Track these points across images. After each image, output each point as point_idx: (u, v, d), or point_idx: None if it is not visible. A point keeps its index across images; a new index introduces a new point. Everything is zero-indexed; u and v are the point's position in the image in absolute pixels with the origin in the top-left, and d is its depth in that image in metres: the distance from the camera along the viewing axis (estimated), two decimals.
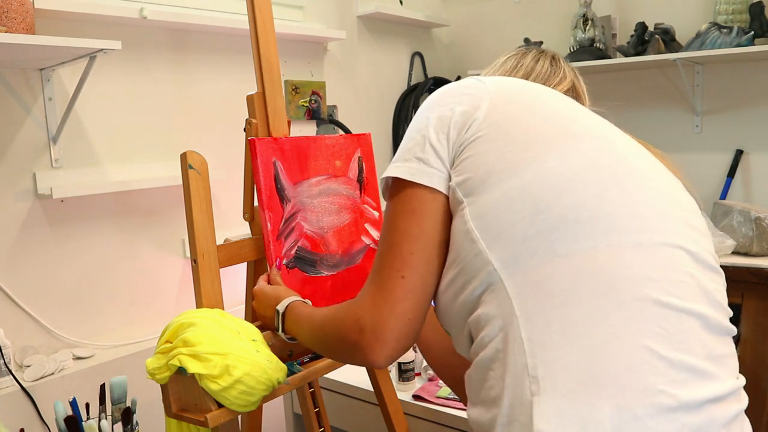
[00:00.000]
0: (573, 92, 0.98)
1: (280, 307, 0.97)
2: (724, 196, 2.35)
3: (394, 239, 0.74)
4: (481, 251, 0.68)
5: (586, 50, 2.44)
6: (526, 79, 0.96)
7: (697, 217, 0.74)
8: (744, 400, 0.68)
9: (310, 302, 0.99)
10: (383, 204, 0.84)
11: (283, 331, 0.97)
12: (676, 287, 0.65)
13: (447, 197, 0.74)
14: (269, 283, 1.08)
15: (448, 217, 0.74)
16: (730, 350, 0.69)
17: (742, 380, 0.69)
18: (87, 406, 1.35)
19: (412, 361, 1.51)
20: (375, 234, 1.29)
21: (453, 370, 0.97)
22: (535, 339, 0.63)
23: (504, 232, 0.67)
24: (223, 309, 1.05)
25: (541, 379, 0.61)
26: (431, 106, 0.80)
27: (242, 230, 1.76)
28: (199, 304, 1.04)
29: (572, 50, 2.49)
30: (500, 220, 0.68)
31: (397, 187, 0.76)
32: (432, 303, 0.77)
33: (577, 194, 0.67)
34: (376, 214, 1.30)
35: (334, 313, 0.81)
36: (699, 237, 0.71)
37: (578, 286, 0.63)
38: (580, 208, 0.66)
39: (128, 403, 1.35)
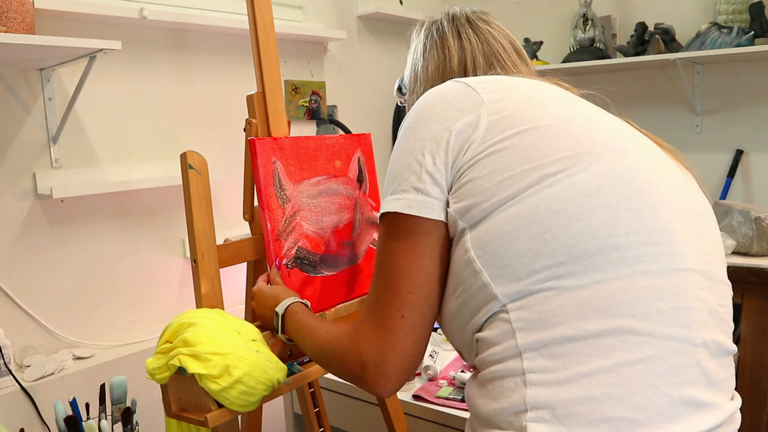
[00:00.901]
0: (516, 52, 0.92)
1: (279, 309, 0.97)
2: (724, 196, 2.35)
3: (392, 278, 0.72)
4: (486, 284, 0.66)
5: (586, 50, 2.44)
6: (463, 65, 0.88)
7: (711, 225, 0.72)
8: (737, 421, 0.68)
9: (309, 303, 0.99)
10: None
11: (283, 332, 0.97)
12: (685, 315, 0.64)
13: (446, 223, 0.71)
14: (269, 283, 1.08)
15: (447, 243, 0.72)
16: (730, 371, 0.68)
17: (738, 402, 0.69)
18: (87, 406, 1.35)
19: None
20: (375, 235, 1.29)
21: None
22: (537, 371, 0.62)
23: (509, 266, 0.64)
24: (223, 309, 1.05)
25: (538, 408, 0.61)
26: (421, 124, 0.74)
27: (242, 230, 1.76)
28: (199, 304, 1.04)
29: (572, 50, 2.49)
30: (504, 251, 0.65)
31: (394, 219, 0.73)
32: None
33: (585, 223, 0.64)
34: (377, 214, 1.30)
35: (334, 344, 0.80)
36: (714, 250, 0.70)
37: (585, 322, 0.62)
38: (589, 239, 0.63)
39: (128, 403, 1.35)
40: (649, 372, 0.60)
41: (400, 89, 1.04)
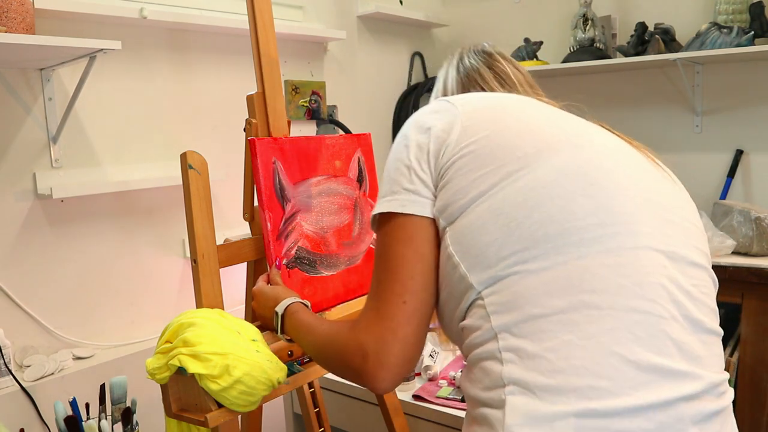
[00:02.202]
0: (504, 81, 0.99)
1: (279, 309, 0.97)
2: (724, 196, 2.35)
3: (392, 265, 0.75)
4: (463, 276, 0.71)
5: (586, 50, 2.43)
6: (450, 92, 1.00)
7: (681, 214, 0.75)
8: (726, 399, 0.69)
9: (309, 303, 0.99)
10: None
11: (282, 332, 0.97)
12: (647, 290, 0.67)
13: (435, 222, 0.76)
14: (269, 283, 1.08)
15: (437, 241, 0.76)
16: (711, 350, 0.69)
17: (724, 376, 0.69)
18: (87, 406, 1.35)
19: None
20: (375, 235, 1.30)
21: None
22: (510, 349, 0.66)
23: (480, 255, 0.70)
24: (223, 309, 1.05)
25: (514, 384, 0.65)
26: (408, 133, 0.81)
27: (242, 230, 1.76)
28: (199, 304, 1.04)
29: (572, 50, 2.49)
30: (476, 243, 0.71)
31: (389, 219, 0.77)
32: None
33: (544, 210, 0.69)
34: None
35: (334, 337, 0.81)
36: (679, 234, 0.72)
37: (549, 300, 0.66)
38: (548, 224, 0.68)
39: (128, 403, 1.35)
40: (612, 342, 0.64)
41: None
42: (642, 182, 0.74)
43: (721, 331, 0.72)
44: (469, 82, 0.99)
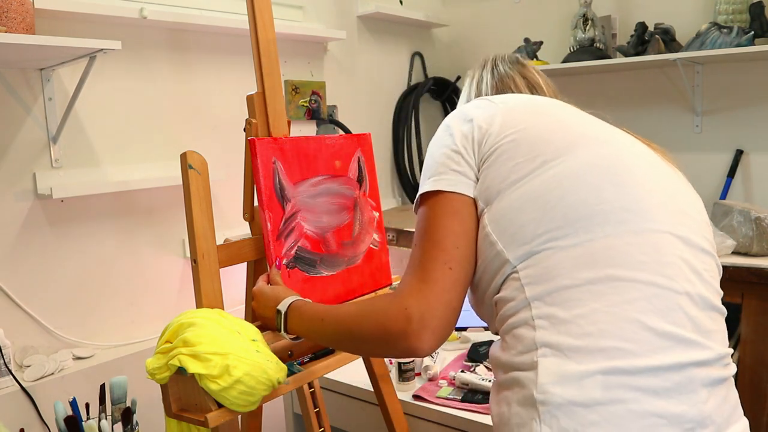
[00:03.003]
0: (532, 88, 1.08)
1: (282, 307, 0.97)
2: (724, 196, 2.35)
3: (439, 235, 0.81)
4: (500, 252, 0.78)
5: (586, 50, 2.43)
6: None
7: (690, 205, 0.83)
8: (731, 369, 0.77)
9: (310, 301, 0.99)
10: (383, 205, 0.87)
11: (286, 331, 0.97)
12: (665, 268, 0.75)
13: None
14: (269, 283, 1.08)
15: (478, 221, 0.83)
16: (718, 326, 0.78)
17: (729, 350, 0.78)
18: (87, 406, 1.35)
19: (412, 361, 1.51)
20: (375, 235, 1.29)
21: None
22: (543, 316, 0.73)
23: (517, 233, 0.77)
24: (223, 309, 1.05)
25: (546, 347, 0.72)
26: (450, 123, 0.89)
27: (242, 230, 1.76)
28: (199, 304, 1.04)
29: (572, 50, 2.49)
30: (513, 223, 0.78)
31: (436, 196, 0.84)
32: None
33: (576, 195, 0.77)
34: (376, 214, 1.30)
35: (371, 308, 0.84)
36: (692, 223, 0.81)
37: (578, 273, 0.74)
38: (581, 206, 0.76)
39: (128, 403, 1.35)
40: (634, 310, 0.72)
41: None
42: (659, 178, 0.83)
43: (725, 311, 0.80)
44: (503, 87, 1.07)
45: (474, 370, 1.48)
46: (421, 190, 0.86)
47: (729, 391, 0.76)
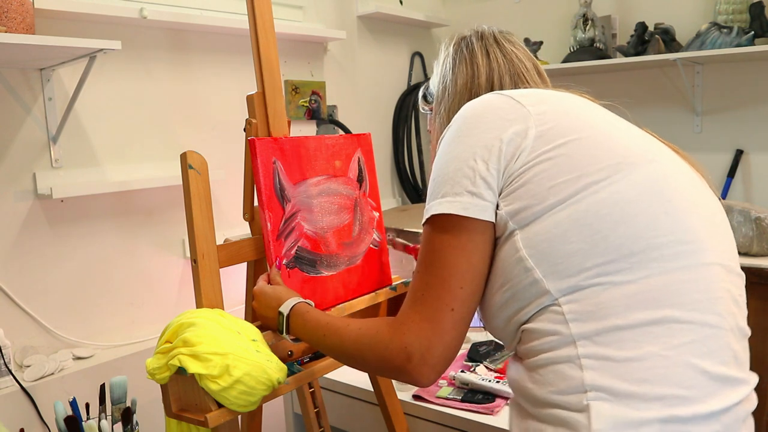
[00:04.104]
0: (540, 78, 1.00)
1: (284, 309, 0.97)
2: (724, 196, 2.35)
3: (444, 274, 0.76)
4: (538, 280, 0.72)
5: (586, 50, 2.44)
6: (490, 82, 0.96)
7: (726, 226, 0.81)
8: (754, 400, 0.76)
9: (312, 303, 0.99)
10: (383, 205, 0.85)
11: (287, 333, 0.97)
12: (716, 304, 0.72)
13: (494, 224, 0.77)
14: (269, 283, 1.08)
15: (493, 242, 0.77)
16: (747, 353, 0.77)
17: (756, 378, 0.76)
18: (87, 406, 1.35)
19: None
20: (375, 234, 1.29)
21: None
22: (592, 356, 0.69)
23: (561, 264, 0.71)
24: (223, 309, 1.05)
25: (597, 390, 0.68)
26: (469, 132, 0.79)
27: (242, 230, 1.76)
28: (199, 304, 1.04)
29: (572, 50, 2.49)
30: (556, 250, 0.72)
31: (446, 220, 0.77)
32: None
33: (630, 225, 0.71)
34: (376, 214, 1.30)
35: (373, 338, 0.82)
36: (729, 248, 0.79)
37: (632, 313, 0.69)
38: (634, 240, 0.71)
39: (128, 403, 1.35)
40: (690, 354, 0.69)
41: (425, 97, 1.10)
42: (698, 196, 0.79)
43: (750, 331, 0.79)
44: (518, 77, 0.96)
45: (474, 370, 1.48)
46: (431, 209, 0.79)
47: (751, 419, 0.75)
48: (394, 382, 1.43)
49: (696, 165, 0.86)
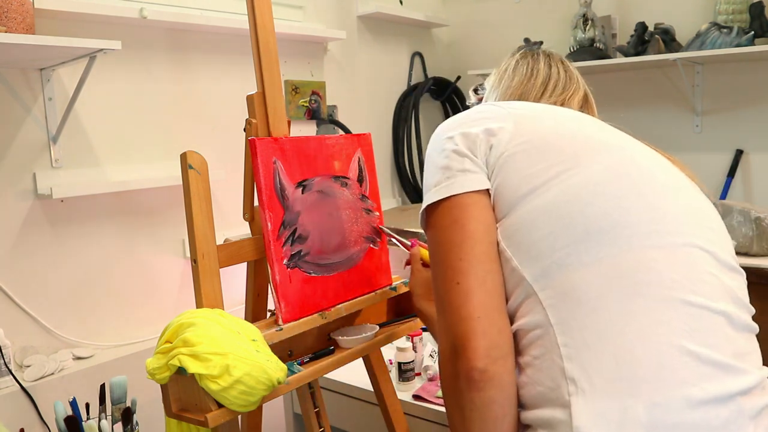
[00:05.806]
0: (585, 101, 1.02)
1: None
2: (724, 196, 2.35)
3: (442, 255, 0.75)
4: (515, 268, 0.72)
5: (586, 50, 2.43)
6: (545, 85, 1.00)
7: (715, 220, 0.77)
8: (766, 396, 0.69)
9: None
10: (383, 205, 0.85)
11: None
12: (698, 286, 0.68)
13: (488, 192, 0.77)
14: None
15: (491, 209, 0.77)
16: (754, 347, 0.72)
17: (766, 371, 0.71)
18: (87, 406, 1.35)
19: (412, 361, 1.51)
20: (376, 235, 1.29)
21: None
22: (570, 344, 0.66)
23: (533, 249, 0.71)
24: (223, 309, 1.05)
25: (578, 381, 0.65)
26: (448, 130, 0.82)
27: (242, 230, 1.76)
28: (199, 304, 1.04)
29: (572, 50, 2.49)
30: (528, 237, 0.72)
31: (439, 206, 0.77)
32: None
33: (598, 206, 0.71)
34: (377, 214, 1.30)
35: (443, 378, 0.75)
36: (717, 238, 0.75)
37: (606, 292, 0.67)
38: (603, 218, 0.70)
39: (128, 403, 1.35)
40: (670, 333, 0.65)
41: (476, 90, 1.14)
42: (683, 191, 0.77)
43: (757, 327, 0.74)
44: (567, 92, 1.00)
45: None
46: (429, 199, 0.79)
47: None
48: (394, 381, 1.43)
49: (687, 169, 0.83)
